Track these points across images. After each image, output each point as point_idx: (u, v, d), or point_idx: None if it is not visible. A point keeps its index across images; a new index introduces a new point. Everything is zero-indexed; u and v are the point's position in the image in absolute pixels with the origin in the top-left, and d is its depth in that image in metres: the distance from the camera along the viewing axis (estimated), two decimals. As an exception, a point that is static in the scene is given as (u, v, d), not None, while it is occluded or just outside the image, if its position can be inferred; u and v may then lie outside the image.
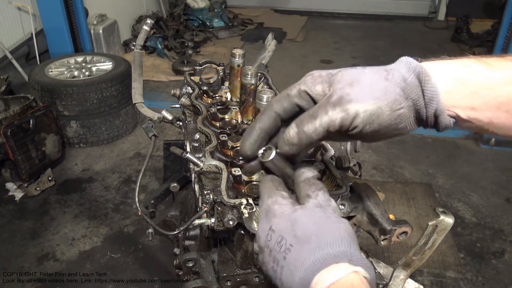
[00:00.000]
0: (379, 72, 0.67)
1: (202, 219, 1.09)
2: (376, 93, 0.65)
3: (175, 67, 5.58)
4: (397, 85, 0.65)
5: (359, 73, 0.68)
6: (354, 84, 0.66)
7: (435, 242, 1.04)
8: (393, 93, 0.65)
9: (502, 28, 4.17)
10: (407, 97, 0.65)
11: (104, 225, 3.16)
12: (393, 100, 0.65)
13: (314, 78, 0.70)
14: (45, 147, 3.38)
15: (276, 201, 0.70)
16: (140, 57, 1.84)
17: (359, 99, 0.65)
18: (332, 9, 8.15)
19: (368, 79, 0.67)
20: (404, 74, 0.66)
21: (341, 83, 0.67)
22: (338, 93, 0.66)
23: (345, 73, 0.68)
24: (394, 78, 0.66)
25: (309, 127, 0.67)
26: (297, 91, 0.71)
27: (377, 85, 0.66)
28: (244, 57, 1.54)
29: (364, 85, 0.66)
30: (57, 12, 4.57)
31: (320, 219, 0.65)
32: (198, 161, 1.13)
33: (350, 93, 0.65)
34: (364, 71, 0.68)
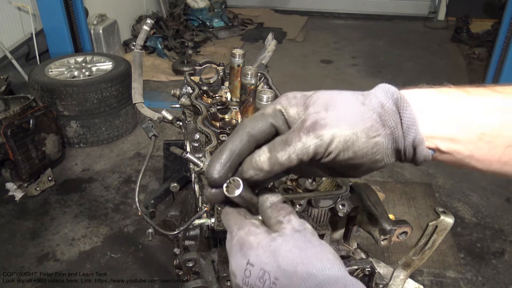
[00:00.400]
0: (356, 96, 0.64)
1: (202, 219, 1.09)
2: (352, 119, 0.61)
3: (175, 67, 5.58)
4: (374, 111, 0.62)
5: (335, 96, 0.64)
6: (329, 108, 0.62)
7: (435, 242, 1.04)
8: (370, 119, 0.61)
9: (502, 28, 4.17)
10: (384, 124, 0.62)
11: (104, 225, 3.16)
12: (370, 126, 0.61)
13: (289, 100, 0.66)
14: (45, 147, 3.38)
15: (250, 232, 0.63)
16: (140, 57, 1.84)
17: (334, 124, 0.61)
18: (332, 9, 8.15)
19: (344, 103, 0.63)
20: (382, 99, 0.63)
21: (316, 106, 0.63)
22: (313, 118, 0.62)
23: (321, 95, 0.65)
24: (371, 103, 0.63)
25: (282, 154, 0.61)
26: (272, 110, 0.66)
27: (354, 110, 0.62)
28: (244, 57, 1.54)
29: (340, 110, 0.62)
30: (57, 12, 4.57)
31: (302, 244, 0.60)
32: (198, 161, 1.13)
33: (325, 118, 0.61)
34: (341, 95, 0.65)
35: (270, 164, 0.62)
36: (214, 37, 6.85)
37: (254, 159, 0.63)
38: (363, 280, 1.30)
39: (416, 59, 6.26)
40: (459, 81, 5.18)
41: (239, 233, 0.64)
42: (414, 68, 5.98)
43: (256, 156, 0.63)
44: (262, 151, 0.63)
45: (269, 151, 0.62)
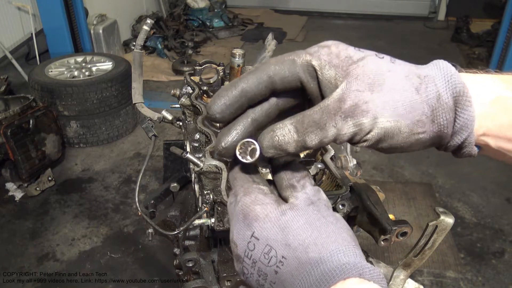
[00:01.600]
0: (411, 78, 0.54)
1: (202, 219, 1.09)
2: (400, 108, 0.52)
3: (175, 67, 5.58)
4: (427, 103, 0.52)
5: (386, 71, 0.53)
6: (375, 88, 0.52)
7: (435, 242, 1.04)
8: (420, 111, 0.52)
9: (502, 28, 4.17)
10: (434, 120, 0.53)
11: (104, 225, 3.16)
12: (417, 121, 0.52)
13: (331, 57, 0.54)
14: (45, 147, 3.38)
15: (257, 200, 0.56)
16: (140, 57, 1.84)
17: (377, 111, 0.51)
18: (332, 9, 8.15)
19: (395, 85, 0.52)
20: (440, 89, 0.53)
21: (360, 81, 0.52)
22: (354, 98, 0.51)
23: (368, 66, 0.53)
24: (427, 92, 0.52)
25: (312, 138, 0.53)
26: (306, 62, 0.54)
27: (404, 97, 0.52)
28: (244, 57, 1.54)
29: (387, 93, 0.52)
30: (57, 12, 4.57)
31: (316, 221, 0.53)
32: (198, 161, 1.13)
33: (368, 101, 0.51)
34: (393, 71, 0.54)
35: (296, 147, 0.54)
36: (214, 37, 6.85)
37: (277, 138, 0.53)
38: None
39: (416, 59, 6.15)
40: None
41: (244, 200, 0.56)
42: (414, 68, 5.97)
43: (280, 135, 0.53)
44: (288, 130, 0.53)
45: (296, 132, 0.53)
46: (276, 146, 0.54)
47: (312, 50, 0.56)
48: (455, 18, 7.27)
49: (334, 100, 0.52)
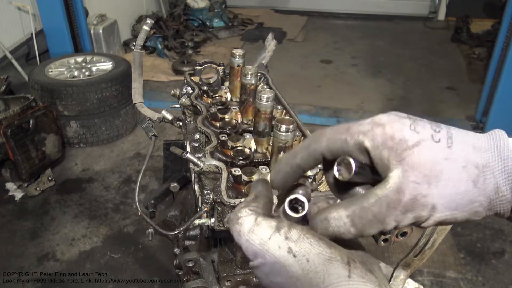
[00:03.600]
0: (469, 168, 0.52)
1: (202, 219, 1.09)
2: (457, 203, 0.52)
3: (175, 67, 5.58)
4: (484, 195, 0.51)
5: (442, 159, 0.52)
6: (432, 182, 0.51)
7: (435, 242, 1.04)
8: (477, 204, 0.52)
9: (502, 28, 4.17)
10: (491, 209, 0.53)
11: (104, 225, 3.16)
12: (473, 213, 0.53)
13: (385, 138, 0.53)
14: (45, 147, 3.38)
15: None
16: (140, 57, 1.84)
17: (435, 206, 0.52)
18: (332, 9, 8.15)
19: (452, 178, 0.51)
20: (499, 182, 0.51)
21: (417, 172, 0.51)
22: (412, 192, 0.51)
23: (424, 155, 0.52)
24: (485, 185, 0.51)
25: (371, 231, 0.53)
26: (358, 144, 0.55)
27: (461, 191, 0.51)
28: (244, 57, 1.54)
29: (445, 187, 0.51)
30: (57, 12, 4.57)
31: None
32: (198, 161, 1.13)
33: (426, 196, 0.51)
34: (449, 159, 0.52)
35: (353, 237, 0.54)
36: (214, 37, 6.85)
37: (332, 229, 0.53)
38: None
39: (416, 59, 6.26)
40: (459, 81, 5.18)
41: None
42: (414, 68, 5.98)
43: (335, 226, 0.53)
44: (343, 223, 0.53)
45: (353, 226, 0.52)
46: (330, 235, 0.54)
47: (365, 129, 0.55)
48: (455, 18, 7.27)
49: (393, 191, 0.51)
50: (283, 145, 1.10)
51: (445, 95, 5.20)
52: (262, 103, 1.21)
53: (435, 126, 0.55)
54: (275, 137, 1.11)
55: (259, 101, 1.22)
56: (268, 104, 1.22)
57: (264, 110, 1.22)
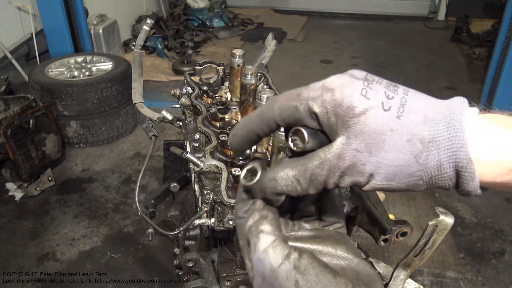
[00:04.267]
0: (413, 143, 0.51)
1: (202, 219, 1.09)
2: (395, 175, 0.52)
3: (175, 67, 5.58)
4: (426, 171, 0.51)
5: (387, 130, 0.51)
6: (373, 151, 0.51)
7: (435, 242, 1.03)
8: (416, 178, 0.52)
9: (502, 28, 4.17)
10: (432, 184, 0.52)
11: (104, 225, 3.16)
12: (413, 185, 0.53)
13: (334, 105, 0.53)
14: (45, 147, 3.38)
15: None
16: (140, 57, 1.84)
17: (373, 173, 0.53)
18: (332, 9, 8.15)
19: (394, 152, 0.51)
20: (443, 160, 0.50)
21: (360, 140, 0.52)
22: (352, 158, 0.52)
23: (370, 123, 0.51)
24: (427, 162, 0.50)
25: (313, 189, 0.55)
26: (307, 110, 0.55)
27: (401, 165, 0.51)
28: (244, 57, 1.54)
29: (385, 158, 0.51)
30: (57, 12, 4.57)
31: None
32: (198, 161, 1.13)
33: (365, 164, 0.52)
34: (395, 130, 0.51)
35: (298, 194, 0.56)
36: (214, 37, 6.85)
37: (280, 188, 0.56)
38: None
39: (416, 59, 6.26)
40: (459, 81, 5.17)
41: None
42: (414, 68, 5.98)
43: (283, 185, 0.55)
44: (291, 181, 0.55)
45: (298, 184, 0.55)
46: (279, 193, 0.56)
47: (315, 94, 0.55)
48: (455, 18, 7.27)
49: (334, 157, 0.53)
50: (283, 145, 1.10)
51: (445, 95, 5.13)
52: (262, 103, 1.21)
53: (390, 91, 0.54)
54: (275, 137, 1.11)
55: (259, 101, 1.22)
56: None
57: (264, 110, 1.22)
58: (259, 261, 0.52)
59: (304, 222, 0.64)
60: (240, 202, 0.62)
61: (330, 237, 0.61)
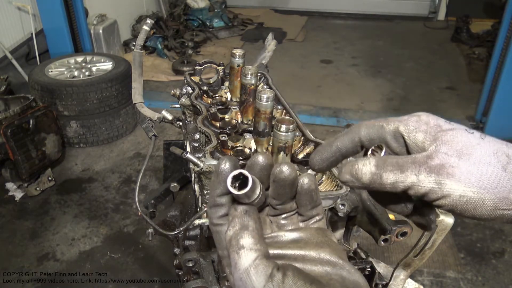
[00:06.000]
0: (498, 156, 0.53)
1: (202, 219, 1.09)
2: (485, 182, 0.52)
3: (175, 67, 5.58)
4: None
5: (475, 144, 0.54)
6: (463, 157, 0.53)
7: (435, 242, 1.03)
8: (506, 189, 0.52)
9: (502, 28, 4.17)
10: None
11: (104, 225, 3.16)
12: (503, 198, 0.52)
13: (419, 123, 0.57)
14: (45, 147, 3.38)
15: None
16: (140, 57, 1.84)
17: (462, 178, 0.53)
18: (332, 9, 8.15)
19: (483, 159, 0.53)
20: None
21: (449, 146, 0.54)
22: (441, 159, 0.54)
23: (458, 136, 0.55)
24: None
25: (390, 176, 0.55)
26: (393, 129, 0.59)
27: (490, 172, 0.52)
28: (244, 57, 1.54)
29: (474, 164, 0.53)
30: (57, 12, 4.57)
31: None
32: (198, 161, 1.13)
33: (454, 166, 0.53)
34: (481, 146, 0.54)
35: (371, 179, 0.56)
36: (214, 37, 6.85)
37: (356, 167, 0.57)
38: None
39: (416, 59, 6.26)
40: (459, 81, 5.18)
41: None
42: (414, 68, 5.98)
43: (360, 164, 0.57)
44: (368, 162, 0.57)
45: (376, 166, 0.56)
46: (352, 174, 0.57)
47: (402, 118, 0.59)
48: (455, 18, 7.27)
49: (423, 156, 0.55)
50: (283, 145, 1.10)
51: (445, 95, 5.20)
52: (262, 103, 1.21)
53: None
54: (275, 137, 1.11)
55: (259, 101, 1.22)
56: (268, 104, 1.21)
57: (264, 110, 1.22)
58: (240, 281, 0.50)
59: (282, 219, 0.62)
60: (214, 207, 0.58)
61: (312, 238, 0.58)
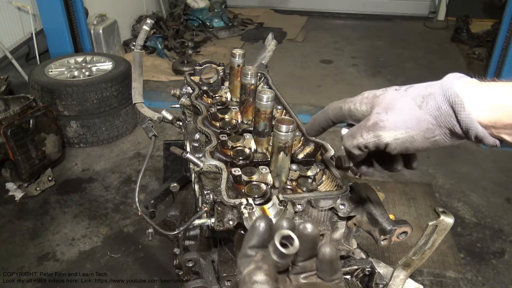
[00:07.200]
0: (415, 100, 0.69)
1: (202, 219, 1.09)
2: (408, 122, 0.69)
3: (175, 67, 5.58)
4: (430, 114, 0.68)
5: (398, 97, 0.72)
6: (389, 111, 0.71)
7: (435, 242, 1.04)
8: (425, 121, 0.68)
9: (502, 28, 4.17)
10: (441, 125, 0.67)
11: (104, 225, 3.16)
12: (425, 129, 0.68)
13: (362, 99, 0.78)
14: (45, 147, 3.38)
15: None
16: (140, 57, 1.84)
17: (391, 127, 0.70)
18: (332, 9, 8.15)
19: (402, 107, 0.70)
20: (439, 102, 0.67)
21: (379, 107, 0.73)
22: (374, 118, 0.72)
23: (386, 96, 0.73)
24: (428, 107, 0.68)
25: (349, 143, 0.77)
26: (347, 108, 0.80)
27: (410, 114, 0.69)
28: (244, 57, 1.54)
29: (397, 113, 0.70)
30: (57, 12, 4.57)
31: None
32: (198, 161, 1.13)
33: (384, 120, 0.71)
34: (401, 99, 0.71)
35: (345, 150, 0.80)
36: (214, 37, 6.85)
37: (341, 144, 0.82)
38: (363, 280, 1.30)
39: (416, 59, 6.26)
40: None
41: None
42: (414, 68, 5.98)
43: (341, 143, 0.81)
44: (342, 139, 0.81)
45: (342, 140, 0.81)
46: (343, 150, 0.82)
47: (353, 98, 0.80)
48: (455, 18, 7.27)
49: (364, 120, 0.75)
50: (283, 145, 1.10)
51: (445, 95, 5.19)
52: (262, 103, 1.21)
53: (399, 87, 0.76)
54: (275, 137, 1.11)
55: (259, 101, 1.22)
56: (268, 104, 1.22)
57: (264, 110, 1.22)
58: None
59: (302, 278, 0.64)
60: (245, 257, 0.61)
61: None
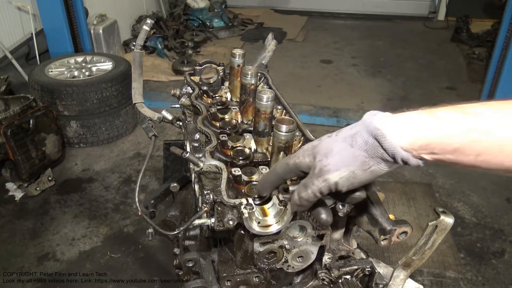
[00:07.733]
0: (346, 141, 0.80)
1: (202, 219, 1.09)
2: (346, 161, 0.79)
3: (175, 67, 5.58)
4: (361, 149, 0.78)
5: (332, 142, 0.82)
6: (329, 155, 0.80)
7: (435, 242, 1.04)
8: (360, 156, 0.78)
9: (502, 28, 4.17)
10: (372, 156, 0.78)
11: (104, 225, 3.16)
12: (361, 163, 0.78)
13: (304, 151, 0.86)
14: (45, 147, 3.38)
15: None
16: (140, 57, 1.84)
17: (334, 168, 0.80)
18: (332, 9, 8.15)
19: (338, 149, 0.80)
20: (365, 137, 0.78)
21: (320, 155, 0.82)
22: (318, 166, 0.81)
23: (323, 144, 0.83)
24: (358, 143, 0.78)
25: (304, 194, 0.85)
26: (293, 163, 0.89)
27: (346, 153, 0.79)
28: (244, 57, 1.54)
29: (336, 155, 0.80)
30: (57, 12, 4.57)
31: None
32: (198, 161, 1.13)
33: (326, 165, 0.80)
34: (335, 143, 0.81)
35: (300, 202, 0.88)
36: (214, 37, 6.85)
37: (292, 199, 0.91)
38: (363, 280, 1.30)
39: (416, 59, 6.26)
40: (459, 81, 5.18)
41: None
42: (414, 68, 5.98)
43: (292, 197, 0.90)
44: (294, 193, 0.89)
45: (297, 193, 0.88)
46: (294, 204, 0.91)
47: (295, 154, 0.89)
48: (455, 18, 7.27)
49: (311, 171, 0.85)
50: (283, 145, 1.10)
51: (445, 95, 5.19)
52: (262, 103, 1.21)
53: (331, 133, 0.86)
54: (275, 137, 1.11)
55: (259, 101, 1.22)
56: (268, 104, 1.22)
57: (264, 110, 1.22)
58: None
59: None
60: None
61: None
